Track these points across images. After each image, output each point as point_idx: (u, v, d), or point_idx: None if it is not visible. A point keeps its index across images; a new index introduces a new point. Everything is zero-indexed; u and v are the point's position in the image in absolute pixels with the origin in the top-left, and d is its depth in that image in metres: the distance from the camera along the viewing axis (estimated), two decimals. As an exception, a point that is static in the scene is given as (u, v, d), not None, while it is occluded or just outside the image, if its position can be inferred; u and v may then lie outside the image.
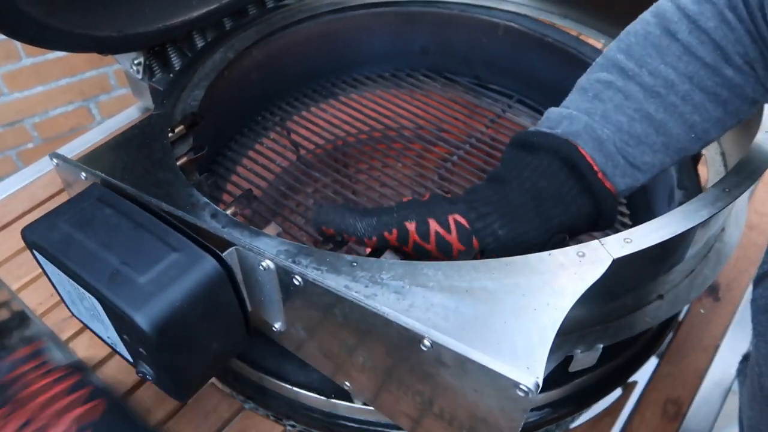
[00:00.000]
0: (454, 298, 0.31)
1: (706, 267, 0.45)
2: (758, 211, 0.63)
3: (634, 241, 0.34)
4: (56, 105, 1.17)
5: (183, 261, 0.33)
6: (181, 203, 0.40)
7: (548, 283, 0.32)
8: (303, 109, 0.77)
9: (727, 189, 0.38)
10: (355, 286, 0.33)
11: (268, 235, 0.37)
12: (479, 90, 0.79)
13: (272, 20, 0.71)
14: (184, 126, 0.52)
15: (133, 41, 0.59)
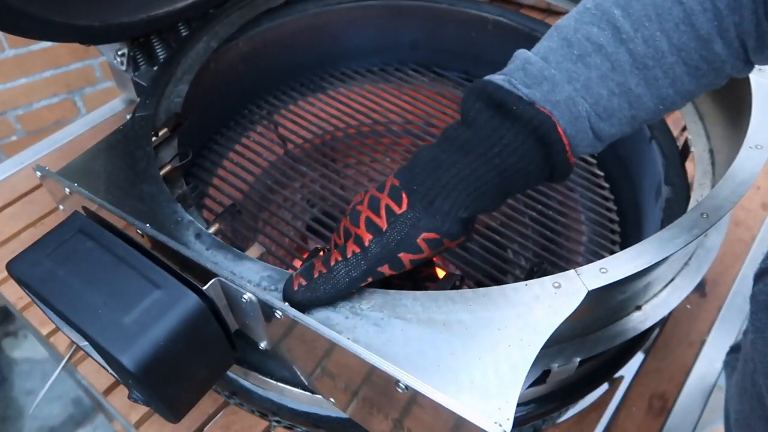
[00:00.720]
0: (431, 331, 0.32)
1: (687, 276, 0.45)
2: (744, 207, 0.63)
3: (610, 271, 0.34)
4: (40, 97, 1.15)
5: (165, 299, 0.34)
6: (165, 222, 0.40)
7: (522, 316, 0.32)
8: (290, 103, 0.76)
9: (705, 214, 0.38)
10: (336, 317, 0.34)
11: (252, 259, 0.38)
12: (468, 85, 0.78)
13: (256, 3, 0.69)
14: (168, 128, 0.51)
15: (116, 32, 0.58)
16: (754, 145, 0.41)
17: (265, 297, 0.34)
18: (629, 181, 0.65)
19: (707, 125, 0.54)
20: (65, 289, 0.35)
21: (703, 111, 0.55)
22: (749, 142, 0.41)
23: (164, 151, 0.50)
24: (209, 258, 0.38)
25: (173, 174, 0.48)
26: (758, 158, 0.40)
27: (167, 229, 0.40)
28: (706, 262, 0.45)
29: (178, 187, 0.48)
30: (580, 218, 0.65)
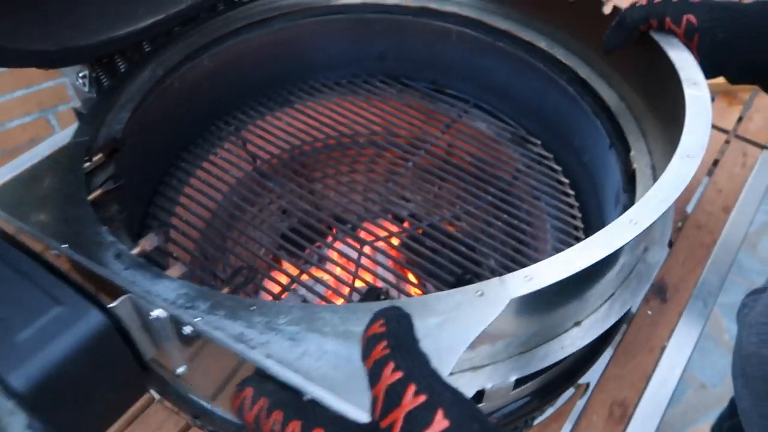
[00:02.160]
0: (347, 344, 0.31)
1: (627, 290, 0.45)
2: (706, 211, 0.64)
3: (535, 278, 0.34)
4: (13, 117, 1.15)
5: (66, 315, 0.32)
6: (86, 243, 0.40)
7: (442, 326, 0.32)
8: (258, 118, 0.76)
9: (634, 221, 0.38)
10: (250, 332, 0.33)
11: (170, 278, 0.37)
12: (436, 95, 0.79)
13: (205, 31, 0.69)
14: (103, 154, 0.51)
15: (75, 55, 0.58)
16: (686, 154, 0.42)
17: (175, 312, 0.34)
18: (593, 188, 0.65)
19: (649, 142, 0.54)
20: None
21: (645, 127, 0.56)
22: (681, 152, 0.42)
23: (98, 176, 0.50)
24: (126, 277, 0.38)
25: (105, 198, 0.48)
26: (689, 166, 0.41)
27: (88, 250, 0.39)
28: (647, 277, 0.45)
29: (109, 210, 0.48)
30: (546, 226, 0.65)
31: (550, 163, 0.70)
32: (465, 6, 0.74)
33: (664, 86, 0.51)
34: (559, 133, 0.70)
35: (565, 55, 0.66)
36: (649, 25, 0.52)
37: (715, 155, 0.72)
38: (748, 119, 0.76)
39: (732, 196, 0.65)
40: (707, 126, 0.44)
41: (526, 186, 0.69)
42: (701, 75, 0.48)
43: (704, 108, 0.45)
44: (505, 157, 0.72)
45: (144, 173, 0.65)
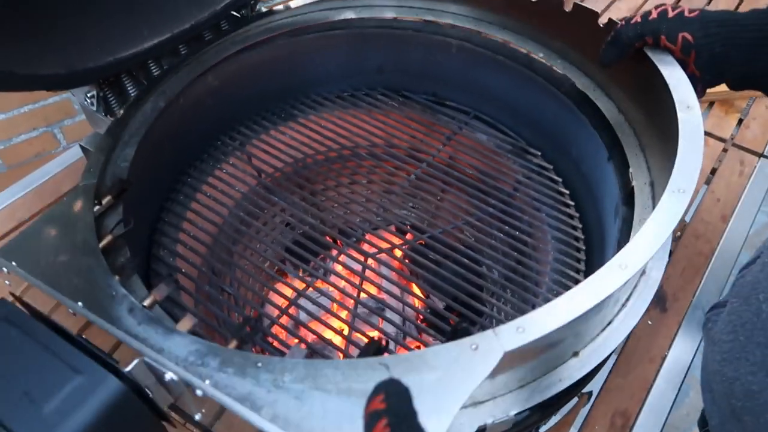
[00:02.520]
0: (350, 402, 0.33)
1: (627, 316, 0.45)
2: (704, 220, 0.65)
3: (527, 330, 0.35)
4: (19, 132, 1.16)
5: (86, 384, 0.34)
6: (100, 297, 0.41)
7: (440, 381, 0.33)
8: (262, 132, 0.77)
9: (624, 265, 0.38)
10: (258, 391, 0.34)
11: (181, 333, 0.39)
12: (436, 107, 0.80)
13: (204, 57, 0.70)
14: (111, 196, 0.52)
15: (82, 76, 0.60)
16: (677, 189, 0.42)
17: (186, 376, 0.36)
18: (592, 199, 0.66)
19: (648, 157, 0.55)
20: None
21: (643, 142, 0.56)
22: (672, 186, 0.42)
23: (109, 218, 0.51)
24: (140, 333, 0.39)
25: (116, 243, 0.49)
26: (680, 203, 0.41)
27: (102, 305, 0.41)
28: (646, 298, 0.46)
29: (121, 255, 0.49)
30: (547, 237, 0.66)
31: (550, 174, 0.71)
32: (462, 17, 0.75)
33: (659, 103, 0.51)
34: (558, 143, 0.71)
35: (563, 66, 0.67)
36: (644, 42, 0.52)
37: (712, 164, 0.73)
38: (745, 127, 0.77)
39: (730, 205, 0.66)
40: (698, 156, 0.44)
41: (527, 197, 0.70)
42: (694, 97, 0.49)
43: (696, 135, 0.45)
44: (506, 169, 0.73)
45: (152, 196, 0.67)
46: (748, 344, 0.38)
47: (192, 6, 0.69)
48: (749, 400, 0.38)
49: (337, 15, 0.77)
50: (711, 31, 0.49)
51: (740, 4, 1.00)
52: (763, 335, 0.37)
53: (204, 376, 0.36)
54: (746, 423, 0.39)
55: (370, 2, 0.77)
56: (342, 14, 0.77)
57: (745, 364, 0.38)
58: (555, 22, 0.66)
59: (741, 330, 0.39)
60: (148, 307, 0.44)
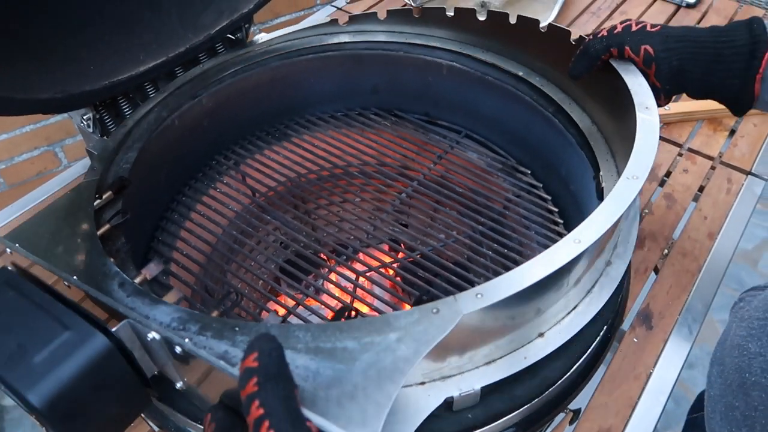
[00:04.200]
0: (317, 359, 0.34)
1: (591, 302, 0.47)
2: (691, 238, 0.65)
3: (485, 296, 0.37)
4: (21, 151, 1.18)
5: (74, 339, 0.36)
6: (94, 274, 0.44)
7: (401, 340, 0.35)
8: (256, 152, 0.78)
9: (578, 240, 0.40)
10: (234, 350, 0.37)
11: (166, 303, 0.41)
12: (428, 126, 0.81)
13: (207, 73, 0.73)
14: (111, 191, 0.55)
15: (78, 100, 0.61)
16: (632, 175, 0.45)
17: (167, 333, 0.38)
18: (581, 217, 0.66)
19: (617, 161, 0.58)
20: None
21: (614, 148, 0.59)
22: (627, 173, 0.45)
23: (108, 211, 0.55)
24: (128, 303, 0.42)
25: (112, 232, 0.53)
26: (633, 187, 0.44)
27: (95, 280, 0.44)
28: (608, 289, 0.48)
29: (116, 243, 0.53)
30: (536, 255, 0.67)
31: (539, 193, 0.72)
32: (448, 41, 0.77)
33: (624, 110, 0.55)
34: (548, 162, 0.72)
35: (542, 82, 0.70)
36: (610, 54, 0.56)
37: (700, 181, 0.73)
38: (733, 145, 0.78)
39: (717, 223, 0.67)
40: (653, 148, 0.47)
41: (517, 215, 0.71)
42: (652, 100, 0.52)
43: (652, 131, 0.49)
44: (496, 187, 0.74)
45: (147, 209, 0.68)
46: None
47: (187, 30, 0.71)
48: (765, 376, 0.39)
49: (332, 39, 0.78)
50: (670, 45, 0.53)
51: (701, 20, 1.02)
52: None
53: (184, 338, 0.38)
54: (753, 397, 0.40)
55: (362, 28, 0.79)
56: (337, 38, 0.79)
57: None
58: (533, 42, 0.69)
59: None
60: (138, 284, 0.46)
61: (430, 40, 0.76)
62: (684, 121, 0.81)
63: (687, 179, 0.73)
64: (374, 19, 0.78)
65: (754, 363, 0.40)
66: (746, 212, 0.68)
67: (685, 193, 0.71)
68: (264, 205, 0.74)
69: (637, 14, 1.04)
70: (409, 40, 0.77)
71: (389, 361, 0.33)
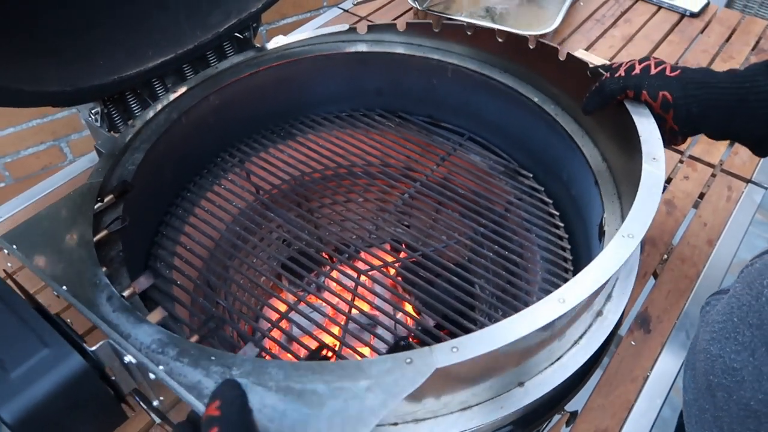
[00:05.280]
0: (286, 399, 0.35)
1: (577, 353, 0.46)
2: (690, 244, 0.66)
3: (461, 350, 0.37)
4: (27, 145, 1.19)
5: (51, 358, 0.37)
6: (85, 284, 0.45)
7: (371, 389, 0.35)
8: (261, 150, 0.79)
9: (562, 299, 0.39)
10: (206, 381, 0.37)
11: (149, 323, 0.42)
12: (432, 129, 0.82)
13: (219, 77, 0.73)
14: (113, 195, 0.55)
15: (87, 94, 0.62)
16: (627, 233, 0.43)
17: (143, 360, 0.38)
18: (581, 221, 0.67)
19: (623, 204, 0.56)
20: None
21: (621, 190, 0.58)
22: (623, 230, 0.44)
23: (108, 215, 0.55)
24: (113, 320, 0.42)
25: (110, 237, 0.53)
26: (627, 247, 0.42)
27: (84, 292, 0.44)
28: (596, 340, 0.46)
29: (113, 249, 0.53)
30: (536, 258, 0.68)
31: (541, 196, 0.73)
32: (466, 58, 0.76)
33: (633, 151, 0.53)
34: (550, 166, 0.73)
35: (555, 111, 0.69)
36: (625, 95, 0.55)
37: (701, 188, 0.74)
38: (733, 153, 0.79)
39: (716, 230, 0.67)
40: (654, 205, 0.46)
41: (518, 218, 0.71)
42: (662, 151, 0.51)
43: (656, 185, 0.47)
44: (498, 190, 0.75)
45: (152, 205, 0.69)
46: (740, 325, 0.40)
47: (196, 28, 0.72)
48: (727, 377, 0.40)
49: (349, 47, 0.79)
50: (690, 92, 0.52)
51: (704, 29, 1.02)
52: (757, 317, 0.39)
53: (161, 362, 0.39)
54: (718, 399, 0.40)
55: (381, 38, 0.79)
56: (354, 47, 0.79)
57: (732, 343, 0.40)
58: (550, 69, 0.68)
59: (737, 312, 0.41)
60: (127, 297, 0.47)
61: (448, 55, 0.76)
62: (686, 128, 0.81)
63: (687, 186, 0.74)
64: (393, 30, 0.78)
65: (716, 365, 0.41)
66: (746, 220, 0.68)
67: (686, 199, 0.72)
68: (267, 202, 0.74)
69: (641, 23, 1.05)
70: (427, 54, 0.77)
71: (356, 410, 0.33)
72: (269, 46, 0.78)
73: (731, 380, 0.40)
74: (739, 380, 0.39)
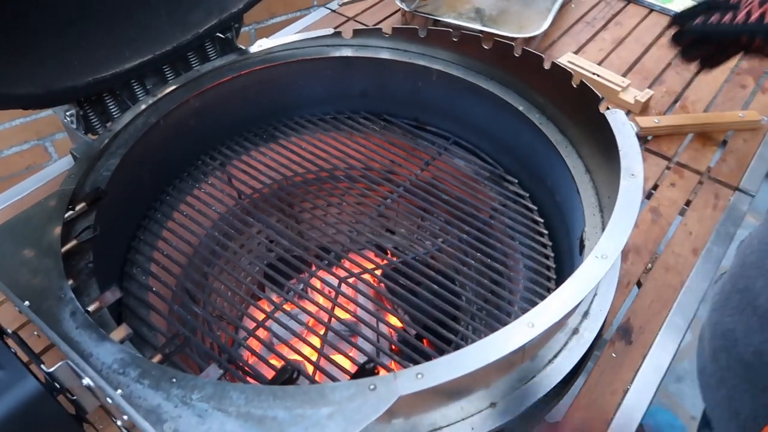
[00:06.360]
0: (246, 426, 0.34)
1: (551, 373, 0.45)
2: (675, 252, 0.65)
3: (426, 377, 0.36)
4: (11, 144, 1.17)
5: (6, 380, 0.36)
6: (50, 297, 0.44)
7: (332, 416, 0.34)
8: (243, 153, 0.78)
9: (531, 323, 0.38)
10: (166, 405, 0.37)
11: (111, 341, 0.41)
12: (417, 132, 0.81)
13: (200, 80, 0.72)
14: (86, 203, 0.54)
15: (60, 96, 0.60)
16: (601, 254, 0.43)
17: (101, 384, 0.38)
18: (565, 228, 0.66)
19: (604, 218, 0.55)
20: None
21: (603, 204, 0.57)
22: (596, 251, 0.43)
23: (79, 224, 0.53)
24: (75, 337, 0.41)
25: (80, 248, 0.52)
26: (599, 269, 0.41)
27: (49, 306, 0.43)
28: (570, 360, 0.45)
29: (83, 260, 0.52)
30: (519, 266, 0.67)
31: (525, 202, 0.71)
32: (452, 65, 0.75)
33: (615, 166, 0.52)
34: (534, 172, 0.72)
35: (540, 120, 0.68)
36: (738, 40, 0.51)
37: (687, 196, 0.73)
38: (722, 160, 0.78)
39: (702, 239, 0.66)
40: (629, 226, 0.44)
41: (503, 225, 0.70)
42: (641, 167, 0.49)
43: (632, 202, 0.46)
44: (483, 195, 0.74)
45: (129, 210, 0.67)
46: (732, 292, 0.42)
47: (176, 27, 0.71)
48: (725, 339, 0.42)
49: (334, 51, 0.78)
50: None
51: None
52: (743, 282, 0.41)
53: (121, 384, 0.38)
54: (720, 360, 0.42)
55: (366, 42, 0.78)
56: (339, 51, 0.78)
57: (727, 309, 0.42)
58: (535, 78, 0.67)
59: (729, 281, 0.43)
60: (92, 312, 0.46)
61: (434, 62, 0.75)
62: (674, 134, 0.80)
63: (674, 193, 0.72)
64: (379, 35, 0.77)
65: (717, 330, 0.43)
66: (732, 229, 0.67)
67: (671, 207, 0.71)
68: (248, 207, 0.73)
69: (633, 25, 1.04)
70: (413, 59, 0.76)
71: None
72: (252, 50, 0.77)
73: (728, 341, 0.42)
74: (733, 340, 0.41)
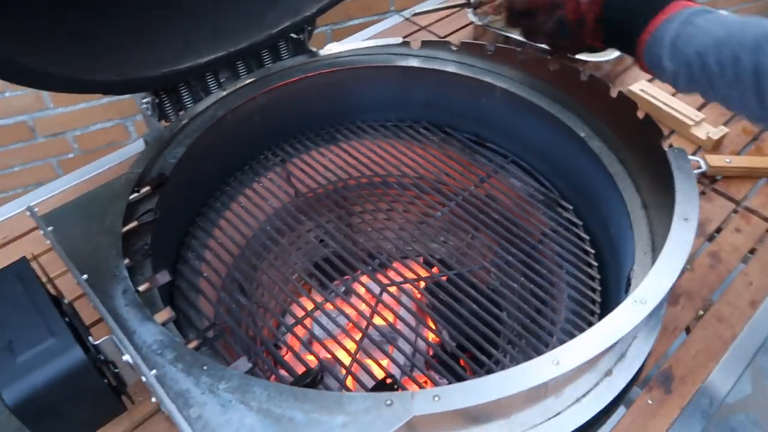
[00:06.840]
0: (264, 423, 0.35)
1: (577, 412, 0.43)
2: (731, 303, 0.62)
3: (442, 400, 0.36)
4: (96, 121, 1.25)
5: (55, 348, 0.39)
6: (106, 274, 0.47)
7: (346, 426, 0.35)
8: (304, 152, 0.80)
9: (556, 361, 0.38)
10: (195, 390, 0.38)
11: (154, 322, 0.43)
12: (476, 147, 0.80)
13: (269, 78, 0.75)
14: (150, 187, 0.57)
15: (138, 84, 0.64)
16: (639, 299, 0.42)
17: (138, 362, 0.40)
18: (616, 262, 0.64)
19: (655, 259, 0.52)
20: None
21: (657, 243, 0.55)
22: (634, 296, 0.42)
23: (142, 206, 0.56)
24: (123, 314, 0.44)
25: (139, 229, 0.54)
26: (635, 314, 0.42)
27: (105, 281, 0.46)
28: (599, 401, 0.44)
29: (141, 241, 0.54)
30: (563, 296, 0.65)
31: (578, 231, 0.70)
32: (515, 83, 0.74)
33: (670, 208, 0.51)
34: (591, 201, 0.70)
35: (600, 149, 0.66)
36: None
37: (753, 243, 0.69)
38: (797, 208, 0.73)
39: (762, 291, 0.62)
40: (675, 271, 0.44)
41: (551, 251, 0.69)
42: (696, 212, 0.49)
43: (681, 249, 0.46)
44: (535, 219, 0.73)
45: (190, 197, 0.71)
46: None
47: (250, 27, 0.74)
48: None
49: (400, 61, 0.78)
50: None
51: None
52: None
53: (157, 365, 0.40)
54: None
55: (433, 54, 0.78)
56: (406, 61, 0.78)
57: None
58: (600, 105, 0.66)
59: None
60: (142, 292, 0.48)
61: (499, 79, 0.75)
62: (746, 176, 0.76)
63: (738, 239, 0.69)
64: (447, 48, 0.78)
65: None
66: (798, 284, 0.63)
67: (734, 253, 0.67)
68: (303, 205, 0.75)
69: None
70: (478, 75, 0.75)
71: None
72: (321, 53, 0.79)
73: None
74: None
